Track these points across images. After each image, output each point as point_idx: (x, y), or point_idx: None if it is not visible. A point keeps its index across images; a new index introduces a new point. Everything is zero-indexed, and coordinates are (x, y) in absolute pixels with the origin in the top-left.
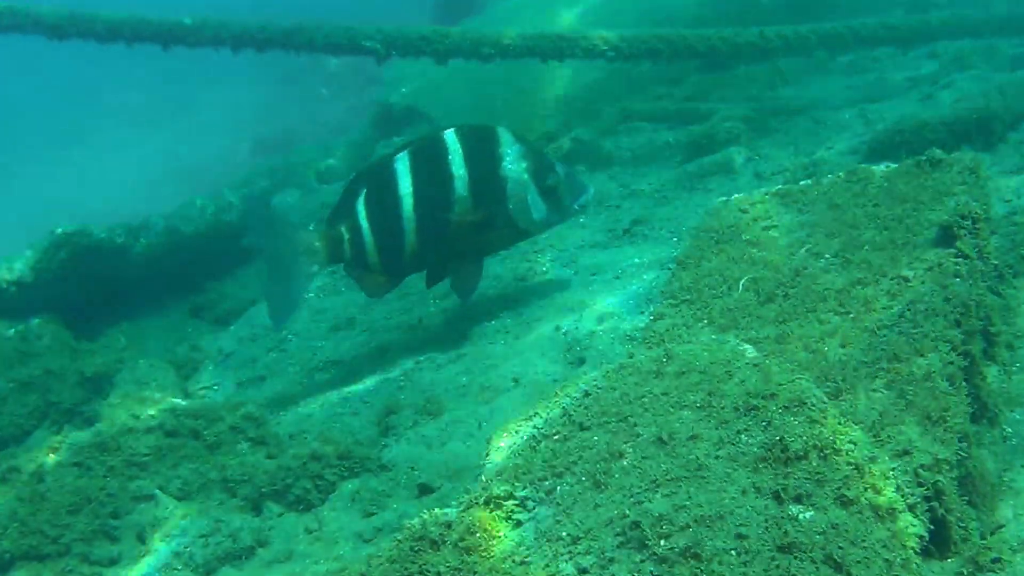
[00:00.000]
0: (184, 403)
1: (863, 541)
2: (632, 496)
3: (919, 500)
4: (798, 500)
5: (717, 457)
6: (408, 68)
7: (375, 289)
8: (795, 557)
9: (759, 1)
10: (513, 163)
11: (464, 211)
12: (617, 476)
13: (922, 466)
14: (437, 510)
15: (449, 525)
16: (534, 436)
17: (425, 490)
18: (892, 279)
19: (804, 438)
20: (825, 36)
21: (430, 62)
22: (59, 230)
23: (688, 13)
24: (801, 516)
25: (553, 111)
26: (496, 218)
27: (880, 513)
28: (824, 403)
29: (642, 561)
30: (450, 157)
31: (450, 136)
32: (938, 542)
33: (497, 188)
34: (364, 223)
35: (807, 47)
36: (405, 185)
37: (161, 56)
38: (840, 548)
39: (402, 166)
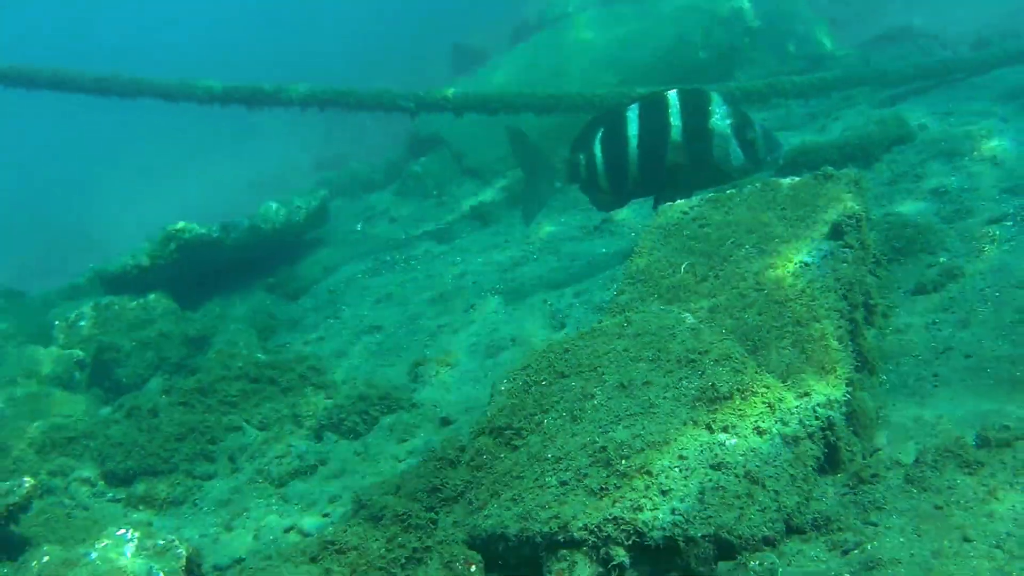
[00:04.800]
0: (263, 357)
1: (774, 461)
2: (601, 427)
3: (816, 430)
4: (725, 430)
5: (664, 398)
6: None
7: (604, 205)
8: (723, 473)
9: (698, 56)
10: (720, 119)
11: (675, 154)
12: (589, 412)
13: (818, 405)
14: (454, 437)
15: (463, 449)
16: (527, 382)
17: (445, 423)
18: (796, 263)
19: (730, 384)
20: (748, 91)
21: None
22: (169, 227)
23: (644, 63)
24: (728, 442)
25: (540, 136)
26: (702, 161)
27: (787, 440)
28: (745, 357)
29: (608, 476)
30: (670, 110)
31: (672, 95)
32: (831, 462)
33: (705, 138)
34: (598, 154)
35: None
36: (632, 129)
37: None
38: (756, 466)
39: (632, 114)
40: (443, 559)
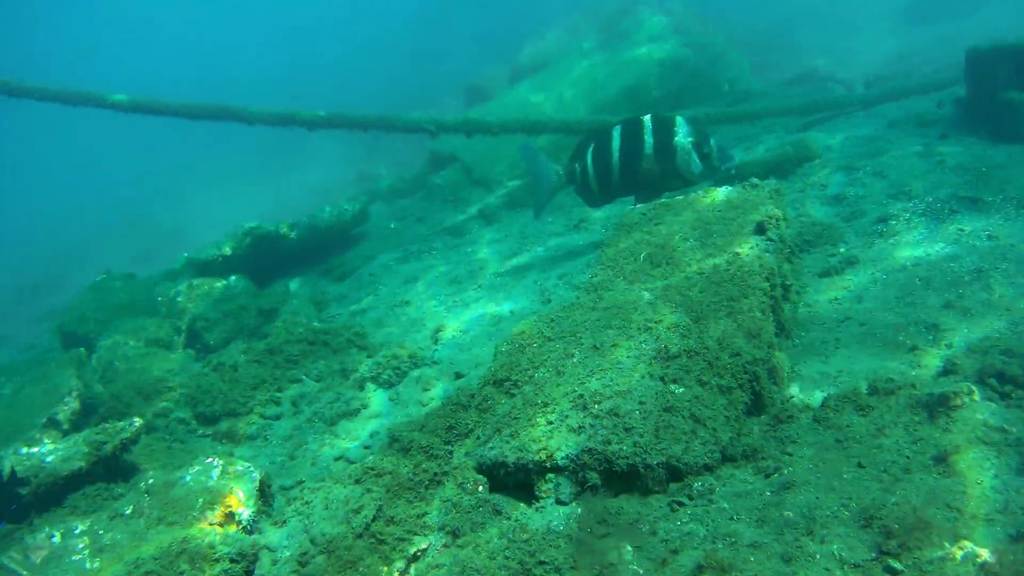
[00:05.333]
0: (319, 324)
1: (712, 405)
2: (579, 380)
3: (745, 381)
4: (675, 382)
5: (628, 357)
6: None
7: (593, 202)
8: (672, 415)
9: (652, 94)
10: (683, 137)
11: (648, 163)
12: (570, 368)
13: (747, 362)
14: (465, 387)
15: (472, 396)
16: (522, 345)
17: (458, 375)
18: (729, 253)
19: (678, 346)
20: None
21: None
22: (246, 225)
23: (611, 99)
24: (677, 391)
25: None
26: (668, 170)
27: (722, 389)
28: (690, 326)
29: (584, 417)
30: (643, 130)
31: (646, 119)
32: (757, 406)
33: (671, 151)
34: (589, 162)
35: None
36: (616, 143)
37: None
38: (700, 409)
39: (616, 132)
40: (457, 481)
